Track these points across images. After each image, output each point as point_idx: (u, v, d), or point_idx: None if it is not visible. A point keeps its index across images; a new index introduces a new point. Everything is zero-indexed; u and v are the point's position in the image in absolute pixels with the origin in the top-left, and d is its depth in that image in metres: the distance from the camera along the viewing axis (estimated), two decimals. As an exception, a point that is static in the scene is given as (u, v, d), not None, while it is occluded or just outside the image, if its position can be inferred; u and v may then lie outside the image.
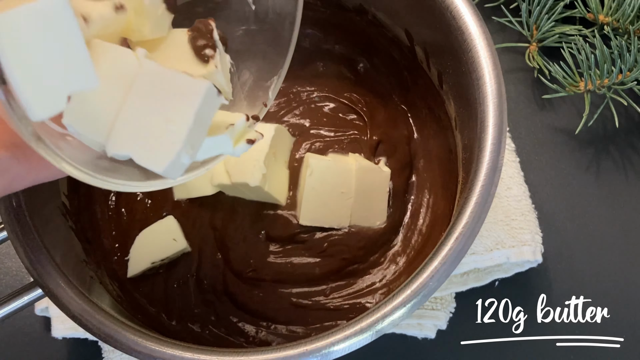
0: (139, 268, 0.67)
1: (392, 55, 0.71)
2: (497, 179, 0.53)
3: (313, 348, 0.50)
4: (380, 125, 0.72)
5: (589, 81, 0.73)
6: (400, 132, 0.72)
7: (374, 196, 0.68)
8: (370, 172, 0.68)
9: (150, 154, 0.40)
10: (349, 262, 0.68)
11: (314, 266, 0.68)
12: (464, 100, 0.59)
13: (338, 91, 0.73)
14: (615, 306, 0.72)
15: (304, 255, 0.68)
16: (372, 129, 0.72)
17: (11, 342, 0.73)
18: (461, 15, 0.57)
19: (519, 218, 0.69)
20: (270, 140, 0.67)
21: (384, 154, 0.71)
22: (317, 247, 0.68)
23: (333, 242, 0.68)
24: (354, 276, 0.68)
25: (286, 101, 0.74)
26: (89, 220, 0.68)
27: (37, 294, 0.58)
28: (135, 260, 0.68)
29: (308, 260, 0.68)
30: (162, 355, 0.51)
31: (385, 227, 0.69)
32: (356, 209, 0.68)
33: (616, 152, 0.76)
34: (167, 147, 0.39)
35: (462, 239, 0.52)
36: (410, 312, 0.51)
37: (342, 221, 0.68)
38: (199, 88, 0.40)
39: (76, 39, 0.36)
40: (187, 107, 0.39)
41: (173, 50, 0.44)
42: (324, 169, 0.67)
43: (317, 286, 0.68)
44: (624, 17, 0.74)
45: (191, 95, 0.40)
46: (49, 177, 0.42)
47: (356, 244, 0.68)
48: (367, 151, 0.71)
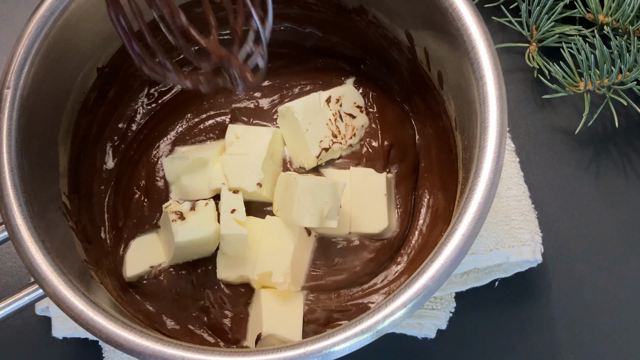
0: (136, 271, 0.68)
1: (392, 56, 0.71)
2: (497, 179, 0.53)
3: (314, 349, 0.51)
4: (391, 128, 0.71)
5: (588, 81, 0.73)
6: (407, 132, 0.72)
7: (371, 200, 0.68)
8: (364, 176, 0.69)
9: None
10: (360, 275, 0.68)
11: (323, 277, 0.68)
12: (464, 100, 0.59)
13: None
14: (615, 306, 0.72)
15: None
16: (383, 131, 0.71)
17: (11, 342, 0.73)
18: (461, 15, 0.57)
19: (519, 218, 0.70)
20: (268, 145, 0.67)
21: (397, 160, 0.71)
22: (327, 262, 0.68)
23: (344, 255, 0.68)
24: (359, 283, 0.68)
25: (280, 96, 0.74)
26: (89, 220, 0.68)
27: (37, 294, 0.58)
28: (132, 263, 0.68)
29: (317, 273, 0.68)
30: (162, 355, 0.51)
31: (397, 235, 0.69)
32: (355, 215, 0.68)
33: (616, 152, 0.76)
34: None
35: (462, 239, 0.52)
36: (411, 312, 0.51)
37: (342, 229, 0.68)
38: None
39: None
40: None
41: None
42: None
43: (328, 294, 0.68)
44: (623, 17, 0.74)
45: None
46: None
47: (368, 256, 0.68)
48: (382, 160, 0.70)
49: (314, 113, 0.69)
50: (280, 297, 0.65)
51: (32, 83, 0.60)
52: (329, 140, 0.69)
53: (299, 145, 0.70)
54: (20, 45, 0.59)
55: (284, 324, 0.63)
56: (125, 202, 0.70)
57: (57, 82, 0.64)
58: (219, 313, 0.67)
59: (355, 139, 0.71)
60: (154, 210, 0.70)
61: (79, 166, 0.68)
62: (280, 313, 0.64)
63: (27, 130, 0.59)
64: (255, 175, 0.66)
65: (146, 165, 0.72)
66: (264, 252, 0.65)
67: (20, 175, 0.57)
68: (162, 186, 0.71)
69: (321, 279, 0.67)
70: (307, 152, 0.69)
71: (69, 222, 0.64)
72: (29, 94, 0.60)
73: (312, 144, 0.68)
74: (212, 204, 0.66)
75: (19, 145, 0.58)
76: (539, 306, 0.72)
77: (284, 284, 0.64)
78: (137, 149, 0.72)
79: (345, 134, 0.70)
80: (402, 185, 0.70)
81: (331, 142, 0.69)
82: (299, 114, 0.68)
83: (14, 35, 0.60)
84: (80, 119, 0.68)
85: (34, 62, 0.60)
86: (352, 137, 0.70)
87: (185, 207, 0.65)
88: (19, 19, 0.83)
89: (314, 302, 0.67)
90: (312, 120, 0.68)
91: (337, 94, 0.70)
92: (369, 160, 0.71)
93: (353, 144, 0.71)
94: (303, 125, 0.68)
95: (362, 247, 0.68)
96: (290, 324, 0.64)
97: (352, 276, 0.67)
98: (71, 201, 0.66)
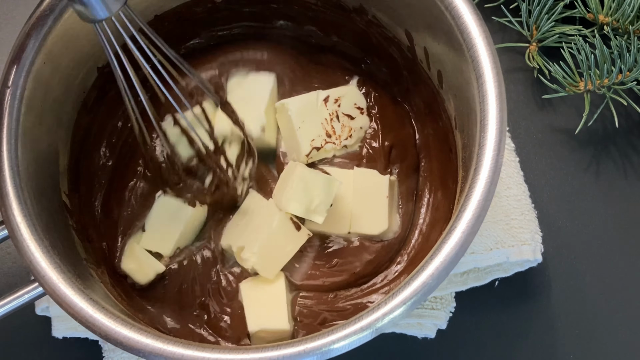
0: (137, 273, 0.68)
1: (392, 55, 0.71)
2: (497, 177, 0.53)
3: (313, 346, 0.50)
4: (392, 129, 0.71)
5: (588, 81, 0.73)
6: (407, 132, 0.71)
7: (372, 202, 0.68)
8: (368, 177, 0.69)
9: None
10: (359, 277, 0.68)
11: (322, 278, 0.68)
12: (464, 99, 0.59)
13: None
14: (615, 306, 0.72)
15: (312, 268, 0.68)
16: (384, 132, 0.71)
17: (11, 342, 0.73)
18: (461, 15, 0.57)
19: (519, 217, 0.69)
20: (270, 91, 0.68)
21: (397, 160, 0.71)
22: (327, 262, 0.68)
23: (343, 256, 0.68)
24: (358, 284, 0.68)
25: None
26: (90, 219, 0.68)
27: (37, 292, 0.58)
28: (133, 265, 0.68)
29: (316, 273, 0.68)
30: (162, 352, 0.51)
31: (398, 237, 0.69)
32: (355, 215, 0.68)
33: (616, 152, 0.76)
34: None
35: (462, 237, 0.52)
36: (410, 310, 0.51)
37: (341, 228, 0.68)
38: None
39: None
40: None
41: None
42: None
43: (325, 294, 0.68)
44: (623, 17, 0.74)
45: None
46: None
47: (367, 257, 0.68)
48: (382, 160, 0.70)
49: (309, 111, 0.69)
50: (260, 287, 0.65)
51: (33, 82, 0.60)
52: (322, 139, 0.69)
53: (291, 142, 0.70)
54: (20, 45, 0.59)
55: (268, 316, 0.64)
56: (125, 202, 0.70)
57: (58, 82, 0.64)
58: (218, 309, 0.67)
59: (352, 140, 0.70)
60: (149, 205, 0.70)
61: (79, 165, 0.68)
62: (262, 305, 0.64)
63: (27, 129, 0.59)
64: (258, 121, 0.66)
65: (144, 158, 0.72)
66: (249, 228, 0.66)
67: (20, 173, 0.58)
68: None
69: (319, 279, 0.67)
70: (298, 149, 0.69)
71: (69, 220, 0.64)
72: (30, 93, 0.60)
73: (304, 141, 0.69)
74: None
75: (19, 144, 0.58)
76: (539, 306, 0.72)
77: (247, 262, 0.65)
78: (136, 149, 0.72)
79: (340, 135, 0.70)
80: (404, 185, 0.70)
81: (324, 141, 0.69)
82: (292, 112, 0.68)
83: (14, 35, 0.60)
84: (80, 118, 0.68)
85: (34, 61, 0.60)
86: (347, 138, 0.70)
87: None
88: (19, 19, 0.83)
89: (310, 302, 0.67)
90: (306, 119, 0.69)
91: (337, 94, 0.70)
92: (369, 160, 0.70)
93: (348, 145, 0.70)
94: (295, 123, 0.68)
95: (362, 248, 0.68)
96: (275, 313, 0.64)
97: (351, 277, 0.67)
98: (71, 200, 0.66)
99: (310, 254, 0.68)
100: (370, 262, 0.68)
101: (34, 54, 0.60)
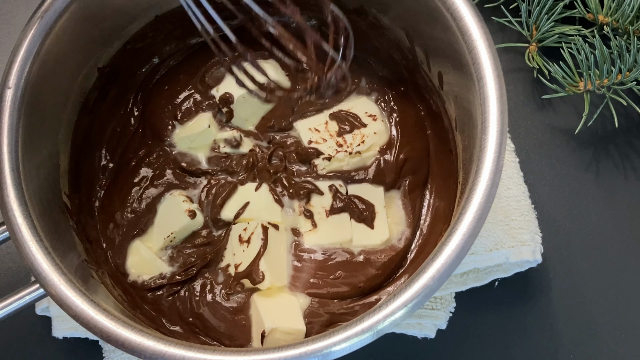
0: (137, 275, 0.68)
1: (392, 56, 0.71)
2: (497, 179, 0.53)
3: (314, 348, 0.51)
4: (408, 136, 0.71)
5: (588, 81, 0.73)
6: (423, 142, 0.71)
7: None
8: (363, 190, 0.69)
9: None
10: (363, 291, 0.67)
11: (323, 287, 0.68)
12: (465, 100, 0.59)
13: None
14: (615, 305, 0.72)
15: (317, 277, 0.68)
16: (402, 143, 0.70)
17: (11, 342, 0.73)
18: (461, 16, 0.57)
19: (519, 218, 0.70)
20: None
21: (409, 172, 0.70)
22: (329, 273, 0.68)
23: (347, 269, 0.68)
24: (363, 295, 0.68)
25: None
26: (90, 220, 0.68)
27: (38, 293, 0.58)
28: (134, 266, 0.68)
29: (318, 282, 0.68)
30: (163, 355, 0.51)
31: (404, 247, 0.68)
32: (356, 227, 0.68)
33: (616, 152, 0.76)
34: None
35: (463, 239, 0.52)
36: (412, 312, 0.51)
37: (344, 238, 0.68)
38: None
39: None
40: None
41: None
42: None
43: (328, 300, 0.68)
44: (623, 17, 0.74)
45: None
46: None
47: (372, 272, 0.67)
48: (392, 174, 0.69)
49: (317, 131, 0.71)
50: (272, 295, 0.65)
51: (33, 83, 0.60)
52: (333, 149, 0.70)
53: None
54: (20, 45, 0.59)
55: (284, 316, 0.64)
56: (126, 202, 0.70)
57: (58, 82, 0.64)
58: (220, 320, 0.66)
59: (365, 146, 0.70)
60: (155, 209, 0.70)
61: (80, 166, 0.68)
62: (277, 308, 0.64)
63: (28, 130, 0.59)
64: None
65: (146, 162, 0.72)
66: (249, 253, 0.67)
67: (21, 175, 0.58)
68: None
69: (322, 289, 0.67)
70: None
71: (70, 221, 0.64)
72: (30, 93, 0.60)
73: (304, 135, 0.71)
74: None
75: (20, 145, 0.58)
76: (539, 306, 0.72)
77: (264, 283, 0.65)
78: (136, 149, 0.72)
79: (352, 142, 0.70)
80: (412, 195, 0.70)
81: (335, 151, 0.69)
82: (301, 132, 0.71)
83: (14, 35, 0.60)
84: (80, 118, 0.68)
85: (35, 62, 0.60)
86: (360, 145, 0.70)
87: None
88: (19, 19, 0.83)
89: (317, 306, 0.66)
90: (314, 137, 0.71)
91: (347, 107, 0.71)
92: (378, 174, 0.70)
93: (362, 151, 0.70)
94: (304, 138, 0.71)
95: (367, 263, 0.67)
96: (290, 314, 0.64)
97: (354, 290, 0.67)
98: (72, 201, 0.66)
99: (311, 265, 0.68)
100: (377, 277, 0.67)
101: (35, 54, 0.60)
